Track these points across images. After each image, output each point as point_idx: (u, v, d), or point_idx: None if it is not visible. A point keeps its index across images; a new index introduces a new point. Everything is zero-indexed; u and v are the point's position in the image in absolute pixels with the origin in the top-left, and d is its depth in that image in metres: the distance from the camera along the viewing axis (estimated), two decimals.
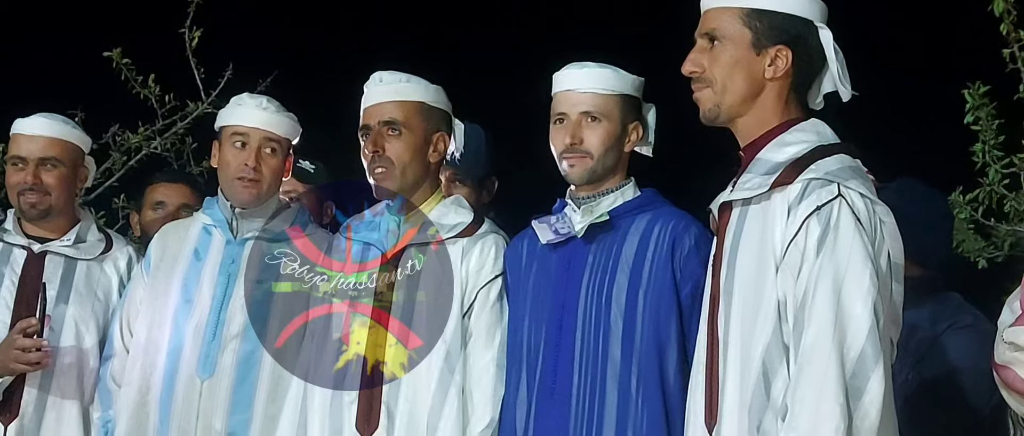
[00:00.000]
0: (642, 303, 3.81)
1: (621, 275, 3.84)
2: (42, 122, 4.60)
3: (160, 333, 4.32)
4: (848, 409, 3.09)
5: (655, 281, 3.81)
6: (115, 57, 6.59)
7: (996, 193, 5.60)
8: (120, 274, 4.62)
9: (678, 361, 3.77)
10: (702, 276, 3.60)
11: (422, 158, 4.12)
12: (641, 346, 3.78)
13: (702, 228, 3.80)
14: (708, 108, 3.41)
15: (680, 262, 3.81)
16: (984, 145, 5.56)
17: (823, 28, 3.39)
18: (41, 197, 4.55)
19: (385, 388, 3.99)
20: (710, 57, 3.40)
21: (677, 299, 3.80)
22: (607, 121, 3.92)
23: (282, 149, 4.39)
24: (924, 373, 3.99)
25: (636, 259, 3.84)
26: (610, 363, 3.79)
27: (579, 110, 3.93)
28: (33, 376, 4.43)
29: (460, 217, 4.13)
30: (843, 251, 3.17)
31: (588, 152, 3.91)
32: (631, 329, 3.80)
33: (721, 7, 3.40)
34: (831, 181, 3.23)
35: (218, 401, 4.23)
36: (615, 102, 3.93)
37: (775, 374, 3.21)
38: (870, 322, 3.13)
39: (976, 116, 5.54)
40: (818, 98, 3.46)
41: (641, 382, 3.76)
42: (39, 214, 4.57)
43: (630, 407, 3.76)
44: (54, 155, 4.58)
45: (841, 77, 3.39)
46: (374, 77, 4.17)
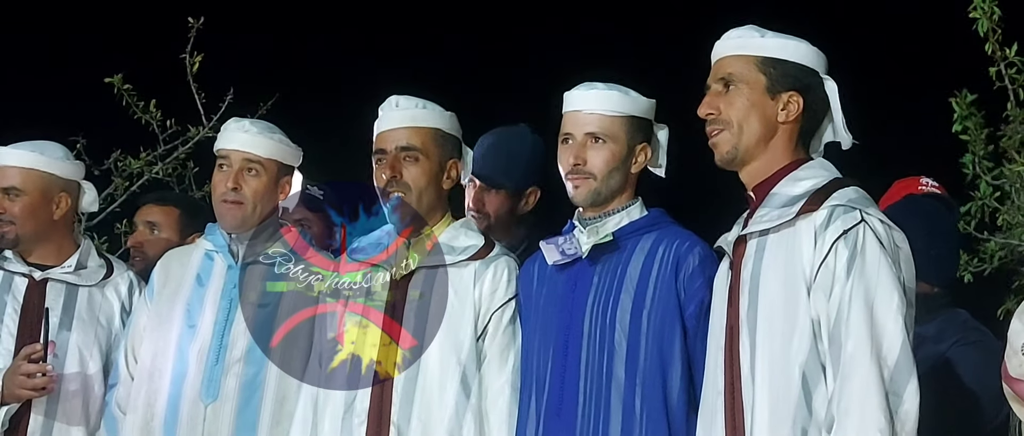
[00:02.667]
0: (646, 323, 3.81)
1: (625, 296, 3.85)
2: (7, 152, 4.59)
3: (164, 359, 4.32)
4: (891, 416, 3.27)
5: (659, 301, 3.82)
6: (116, 83, 6.60)
7: (988, 206, 5.61)
8: (122, 299, 4.62)
9: (682, 381, 3.77)
10: (706, 296, 3.71)
11: (437, 184, 4.15)
12: (645, 366, 3.79)
13: (707, 248, 3.83)
14: (726, 150, 3.57)
15: (684, 282, 3.82)
16: (974, 156, 5.57)
17: (828, 80, 3.57)
18: (7, 227, 4.55)
19: (395, 408, 3.99)
20: (726, 101, 3.57)
21: (681, 319, 3.80)
22: (612, 142, 3.93)
23: (267, 171, 4.38)
24: (930, 388, 3.98)
25: (640, 279, 3.85)
26: (614, 383, 3.80)
27: (584, 131, 3.94)
28: (39, 402, 4.44)
29: (471, 240, 4.15)
30: (872, 272, 3.35)
31: (591, 174, 3.92)
32: (635, 349, 3.81)
33: (736, 54, 3.59)
34: (854, 208, 3.41)
35: (222, 425, 4.23)
36: (621, 124, 3.94)
37: (815, 388, 3.37)
38: (903, 336, 3.32)
39: (964, 125, 5.55)
40: (821, 146, 3.63)
41: (645, 402, 3.77)
42: (9, 244, 4.57)
43: (634, 427, 3.77)
44: (15, 185, 4.56)
45: (844, 126, 3.56)
46: (390, 101, 4.19)
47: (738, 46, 3.59)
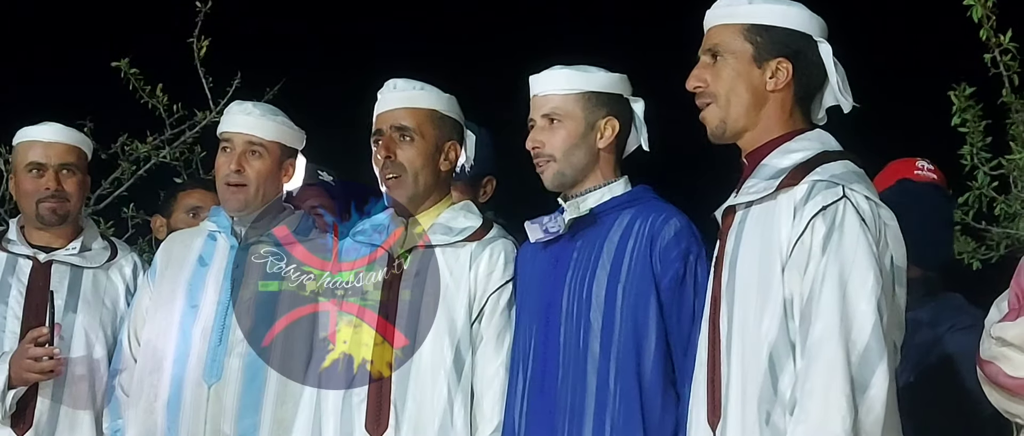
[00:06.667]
0: (621, 298, 3.80)
1: (601, 271, 3.84)
2: (59, 129, 4.63)
3: (167, 339, 4.34)
4: (854, 402, 3.17)
5: (634, 275, 3.81)
6: (123, 67, 6.60)
7: (986, 196, 5.61)
8: (126, 281, 4.64)
9: (657, 355, 3.76)
10: (681, 268, 3.70)
11: (433, 165, 4.15)
12: (619, 341, 3.78)
13: (685, 221, 3.83)
14: (714, 125, 3.50)
15: (659, 254, 3.80)
16: (972, 147, 5.56)
17: (823, 42, 3.47)
18: (61, 204, 4.57)
19: (394, 388, 4.01)
20: (713, 72, 3.49)
21: (656, 291, 3.79)
22: (568, 120, 3.92)
23: (270, 153, 4.40)
24: (925, 374, 4.02)
25: (616, 254, 3.84)
26: (590, 358, 3.80)
27: (541, 113, 3.95)
28: (45, 385, 4.45)
29: (469, 222, 4.15)
30: (848, 250, 3.25)
31: (551, 155, 3.92)
32: (610, 324, 3.80)
33: (723, 24, 3.50)
34: (836, 183, 3.31)
35: (226, 406, 4.25)
36: (575, 100, 3.92)
37: (782, 369, 3.28)
38: (874, 318, 3.21)
39: (963, 118, 5.54)
40: (821, 112, 3.53)
41: (619, 377, 3.77)
42: (58, 220, 4.59)
43: (608, 402, 3.77)
44: (73, 161, 4.62)
45: (842, 89, 3.47)
46: (388, 84, 4.20)
47: (726, 15, 3.50)
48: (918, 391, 3.96)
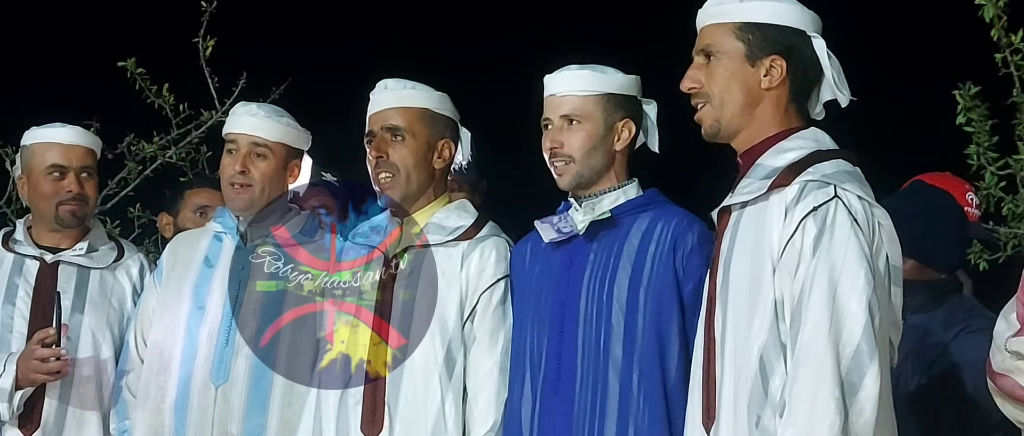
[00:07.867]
0: (643, 301, 3.80)
1: (622, 273, 3.83)
2: (78, 131, 4.64)
3: (173, 341, 4.33)
4: (844, 404, 3.15)
5: (657, 279, 3.80)
6: (129, 67, 6.59)
7: (993, 196, 5.60)
8: (133, 282, 4.63)
9: (680, 359, 3.76)
10: (704, 274, 3.63)
11: (426, 164, 4.14)
12: (642, 344, 3.78)
13: (705, 227, 3.80)
14: (709, 125, 3.47)
15: (682, 260, 3.80)
16: (978, 147, 5.56)
17: (816, 37, 3.44)
18: (81, 206, 4.57)
19: (388, 389, 4.01)
20: (706, 73, 3.46)
21: (679, 297, 3.79)
22: (587, 122, 3.91)
23: (274, 154, 4.40)
24: (936, 377, 4.01)
25: (638, 257, 3.83)
26: (611, 361, 3.79)
27: (559, 114, 3.93)
28: (53, 386, 4.44)
29: (461, 221, 4.14)
30: (838, 250, 3.22)
31: (570, 156, 3.91)
32: (632, 327, 3.79)
33: (714, 23, 3.47)
34: (828, 183, 3.28)
35: (233, 407, 4.25)
36: (595, 102, 3.92)
37: (773, 371, 3.26)
38: (865, 319, 3.18)
39: (968, 117, 5.53)
40: (818, 107, 3.50)
41: (643, 380, 3.77)
42: (77, 222, 4.59)
43: (631, 405, 3.76)
44: (91, 164, 4.63)
45: (838, 83, 3.44)
46: (379, 84, 4.20)
47: (717, 14, 3.47)
48: (928, 393, 3.97)
